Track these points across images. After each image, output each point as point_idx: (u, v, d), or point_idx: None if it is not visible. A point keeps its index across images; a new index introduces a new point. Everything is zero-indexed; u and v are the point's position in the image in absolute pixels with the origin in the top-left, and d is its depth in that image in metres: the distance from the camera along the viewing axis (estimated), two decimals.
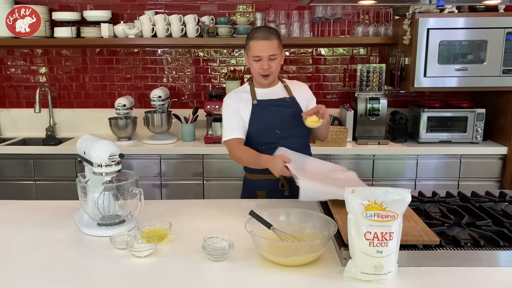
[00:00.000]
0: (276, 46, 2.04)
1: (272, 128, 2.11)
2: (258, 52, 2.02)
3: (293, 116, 2.12)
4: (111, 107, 3.51)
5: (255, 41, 2.03)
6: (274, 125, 2.11)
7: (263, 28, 2.10)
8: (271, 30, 2.09)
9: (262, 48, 2.02)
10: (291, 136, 2.12)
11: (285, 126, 2.11)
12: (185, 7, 3.49)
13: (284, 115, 2.12)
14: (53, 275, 1.35)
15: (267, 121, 2.11)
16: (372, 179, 3.13)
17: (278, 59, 2.07)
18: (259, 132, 2.12)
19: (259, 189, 2.15)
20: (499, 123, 3.20)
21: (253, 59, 2.05)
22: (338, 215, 1.60)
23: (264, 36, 2.02)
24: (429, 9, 2.99)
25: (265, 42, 2.02)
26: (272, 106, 2.13)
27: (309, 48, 3.56)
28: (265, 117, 2.11)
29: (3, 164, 3.15)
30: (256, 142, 2.13)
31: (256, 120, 2.11)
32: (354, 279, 1.30)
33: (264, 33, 2.04)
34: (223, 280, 1.33)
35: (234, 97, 2.17)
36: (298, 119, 2.09)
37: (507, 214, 1.67)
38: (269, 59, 2.04)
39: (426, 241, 1.40)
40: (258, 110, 2.12)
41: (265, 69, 2.04)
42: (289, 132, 2.12)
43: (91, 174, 1.67)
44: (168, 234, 1.58)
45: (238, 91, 2.21)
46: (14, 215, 1.85)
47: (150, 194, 3.13)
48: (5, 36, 3.32)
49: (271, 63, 2.05)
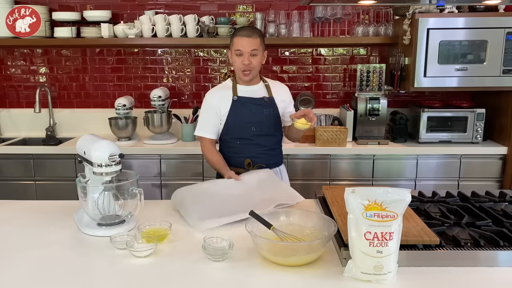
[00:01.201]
0: (258, 44, 2.15)
1: (248, 125, 2.23)
2: (240, 46, 2.13)
3: (269, 116, 2.25)
4: (111, 107, 3.51)
5: (238, 37, 2.15)
6: (250, 122, 2.22)
7: (247, 27, 2.25)
8: (255, 30, 2.21)
9: (244, 43, 2.13)
10: (265, 135, 2.25)
11: (261, 124, 2.23)
12: (185, 7, 3.49)
13: (261, 114, 2.23)
14: (53, 275, 1.35)
15: (244, 118, 2.22)
16: (372, 179, 3.13)
17: (259, 56, 2.17)
18: (235, 127, 2.24)
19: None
20: (499, 123, 3.20)
21: (235, 53, 2.16)
22: (338, 215, 1.60)
23: (247, 33, 2.14)
24: (429, 9, 2.99)
25: (247, 39, 2.13)
26: (251, 104, 2.22)
27: (309, 48, 3.56)
28: (242, 113, 2.22)
29: (3, 164, 3.15)
30: (231, 136, 2.26)
31: (234, 115, 2.22)
32: (354, 279, 1.30)
33: (247, 31, 2.16)
34: (223, 280, 1.33)
35: (216, 94, 2.27)
36: (273, 119, 2.26)
37: (507, 214, 1.67)
38: (250, 55, 2.14)
39: (426, 241, 1.40)
40: (237, 106, 2.22)
41: (245, 64, 2.14)
42: (264, 130, 2.24)
43: (91, 174, 1.67)
44: (168, 234, 1.58)
45: (221, 87, 2.31)
46: (14, 215, 1.85)
47: (150, 194, 3.13)
48: (5, 36, 3.32)
49: (252, 59, 2.14)
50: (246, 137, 2.23)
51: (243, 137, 2.24)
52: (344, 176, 3.12)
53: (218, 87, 2.33)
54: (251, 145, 2.24)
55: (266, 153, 2.26)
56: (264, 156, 2.26)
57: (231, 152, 2.28)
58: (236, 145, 2.25)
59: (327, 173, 3.12)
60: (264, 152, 2.26)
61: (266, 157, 2.26)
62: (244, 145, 2.24)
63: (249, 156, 2.24)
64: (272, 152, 2.29)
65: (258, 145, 2.24)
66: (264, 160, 2.25)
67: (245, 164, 2.24)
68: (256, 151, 2.25)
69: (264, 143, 2.25)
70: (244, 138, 2.24)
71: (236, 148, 2.26)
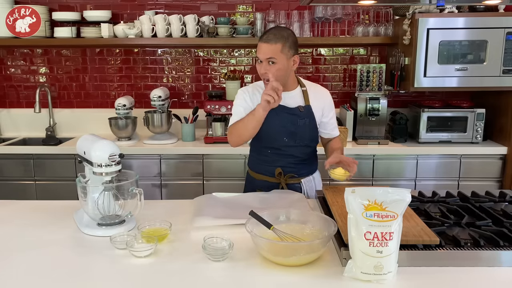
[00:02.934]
0: (277, 50, 1.92)
1: (280, 135, 2.07)
2: (258, 53, 1.97)
3: (304, 127, 2.07)
4: (111, 107, 3.52)
5: (259, 42, 1.97)
6: (283, 132, 2.06)
7: (273, 30, 1.99)
8: (279, 33, 1.95)
9: (261, 50, 1.95)
10: (299, 146, 2.10)
11: (294, 135, 2.07)
12: (185, 7, 3.49)
13: (295, 125, 2.06)
14: (53, 275, 1.35)
15: (276, 127, 2.06)
16: (372, 179, 3.13)
17: (278, 65, 1.94)
18: (266, 135, 2.08)
19: (259, 188, 2.15)
20: (499, 123, 3.20)
21: (257, 61, 2.00)
22: (338, 215, 1.60)
23: (267, 38, 1.94)
24: (429, 9, 2.99)
25: (265, 45, 1.93)
26: (284, 112, 2.05)
27: (309, 48, 3.56)
28: (275, 122, 2.05)
29: (3, 164, 3.15)
30: (262, 144, 2.12)
31: (266, 123, 2.00)
32: (354, 279, 1.30)
33: (268, 35, 1.95)
34: (223, 280, 1.33)
35: (248, 94, 2.11)
36: (309, 130, 2.08)
37: (507, 214, 1.67)
38: (268, 63, 1.95)
39: (426, 241, 1.40)
40: (270, 113, 1.96)
41: (261, 73, 1.97)
42: (297, 142, 2.09)
43: (91, 174, 1.67)
44: (168, 234, 1.58)
45: (254, 87, 2.13)
46: (14, 215, 1.85)
47: (150, 194, 3.13)
48: (5, 36, 3.32)
49: (269, 67, 1.94)
50: (277, 147, 2.08)
51: (275, 147, 2.09)
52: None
53: (251, 87, 2.13)
54: (283, 155, 2.10)
55: (298, 163, 2.12)
56: (296, 166, 2.12)
57: (261, 160, 2.15)
58: (267, 154, 2.11)
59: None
60: (297, 163, 2.12)
61: (299, 167, 2.12)
62: (275, 155, 2.09)
63: (281, 165, 2.10)
64: (305, 162, 2.14)
65: (291, 156, 2.10)
66: (297, 170, 2.12)
67: (276, 173, 2.10)
68: (288, 161, 2.10)
69: (297, 154, 2.09)
70: (276, 148, 2.09)
71: (268, 157, 2.12)
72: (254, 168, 2.21)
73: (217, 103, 3.18)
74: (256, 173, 2.19)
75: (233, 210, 1.80)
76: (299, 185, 2.15)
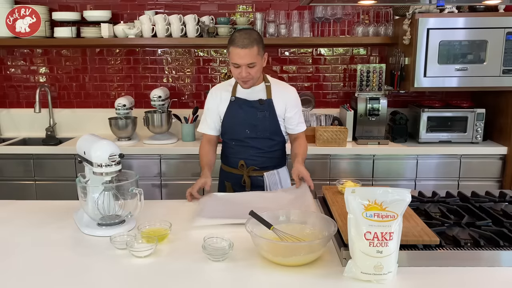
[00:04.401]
0: (255, 54, 2.00)
1: (242, 127, 2.19)
2: (237, 60, 2.01)
3: (264, 120, 2.17)
4: (111, 107, 3.51)
5: (234, 47, 2.00)
6: (244, 124, 2.18)
7: (244, 34, 2.02)
8: (252, 36, 2.01)
9: (240, 56, 1.99)
10: (260, 138, 2.19)
11: (255, 127, 2.17)
12: (185, 7, 3.49)
13: (254, 117, 2.17)
14: (53, 275, 1.35)
15: (238, 119, 2.18)
16: (372, 179, 3.13)
17: (257, 66, 2.05)
18: (230, 128, 2.22)
19: (226, 180, 2.29)
20: (499, 123, 3.20)
21: (233, 65, 2.05)
22: (338, 215, 1.60)
23: (243, 44, 1.97)
24: (429, 9, 2.99)
25: (243, 50, 1.98)
26: (246, 105, 2.17)
27: (309, 48, 3.56)
28: (237, 115, 2.18)
29: (3, 164, 3.15)
30: (227, 136, 2.25)
31: (229, 116, 2.19)
32: (354, 279, 1.30)
33: (243, 40, 1.98)
34: (223, 280, 1.33)
35: (217, 93, 2.25)
36: (269, 123, 2.17)
37: (507, 214, 1.67)
38: (248, 67, 2.02)
39: (426, 241, 1.40)
40: (233, 106, 2.18)
41: (243, 76, 2.05)
42: (258, 133, 2.18)
43: (91, 174, 1.67)
44: (168, 234, 1.58)
45: (224, 85, 2.28)
46: (14, 215, 1.85)
47: (150, 194, 3.13)
48: (5, 36, 3.32)
49: (250, 70, 2.03)
50: (240, 138, 2.20)
51: (238, 138, 2.21)
52: (344, 176, 3.12)
53: (221, 85, 2.29)
54: (246, 147, 2.20)
55: (262, 156, 2.21)
56: (259, 159, 2.21)
57: (227, 152, 2.28)
58: (232, 146, 2.24)
59: (327, 173, 3.12)
60: (260, 155, 2.21)
61: (262, 160, 2.21)
62: (239, 147, 2.22)
63: (244, 158, 2.21)
64: (269, 155, 2.22)
65: (253, 148, 2.20)
66: (260, 162, 2.21)
67: (239, 165, 2.21)
68: (250, 153, 2.21)
69: (259, 146, 2.20)
70: (239, 139, 2.21)
71: (232, 148, 2.24)
72: (222, 160, 2.33)
73: None
74: (224, 164, 2.32)
75: (233, 209, 1.81)
76: (262, 178, 2.23)
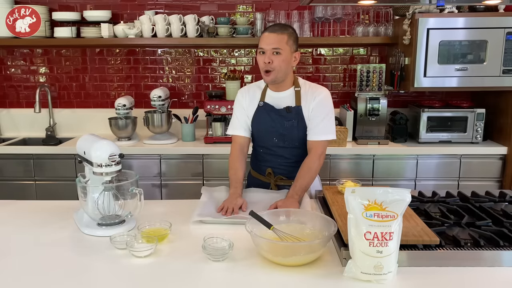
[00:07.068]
0: (283, 41, 1.90)
1: (270, 135, 2.07)
2: (262, 43, 1.93)
3: (292, 129, 2.02)
4: (111, 107, 3.51)
5: (263, 33, 1.95)
6: (272, 132, 2.05)
7: (277, 24, 2.01)
8: (285, 26, 1.97)
9: (266, 40, 1.92)
10: (289, 147, 2.07)
11: (283, 137, 2.05)
12: (185, 7, 3.49)
13: (282, 126, 2.03)
14: (53, 275, 1.35)
15: (266, 127, 2.06)
16: (372, 179, 3.13)
17: (283, 56, 1.91)
18: (258, 134, 2.11)
19: (254, 185, 2.18)
20: (499, 123, 3.20)
21: (259, 52, 1.95)
22: (338, 215, 1.60)
23: (273, 29, 1.93)
24: (429, 9, 2.99)
25: (271, 34, 1.91)
26: (274, 113, 2.04)
27: (309, 48, 3.56)
28: (265, 122, 2.05)
29: (3, 164, 3.15)
30: (255, 143, 2.15)
31: (257, 122, 2.07)
32: (354, 279, 1.30)
33: (274, 27, 1.95)
34: (223, 280, 1.33)
35: (246, 95, 2.12)
36: (297, 131, 2.02)
37: (507, 214, 1.67)
38: (272, 53, 1.90)
39: (426, 241, 1.40)
40: (261, 112, 2.05)
41: (265, 63, 1.91)
42: (286, 143, 2.06)
43: (91, 174, 1.67)
44: (168, 234, 1.58)
45: (253, 86, 2.14)
46: (14, 215, 1.85)
47: (150, 194, 3.12)
48: (5, 36, 3.32)
49: (274, 58, 1.90)
50: (268, 146, 2.08)
51: (265, 146, 2.09)
52: (344, 176, 3.12)
53: (250, 86, 2.15)
54: (274, 156, 2.09)
55: (289, 165, 2.08)
56: (287, 168, 2.08)
57: (255, 158, 2.18)
58: (260, 153, 2.12)
59: (327, 173, 3.12)
60: (288, 165, 2.08)
61: (290, 169, 2.07)
62: (266, 154, 2.10)
63: (271, 166, 2.10)
64: (297, 164, 2.03)
65: (281, 157, 2.08)
66: (288, 172, 2.08)
67: (266, 173, 2.11)
68: (278, 162, 2.09)
69: (287, 156, 2.07)
70: (266, 147, 2.09)
71: (260, 156, 2.13)
72: (252, 165, 2.25)
73: (217, 103, 3.18)
74: (253, 170, 2.24)
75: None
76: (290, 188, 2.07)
